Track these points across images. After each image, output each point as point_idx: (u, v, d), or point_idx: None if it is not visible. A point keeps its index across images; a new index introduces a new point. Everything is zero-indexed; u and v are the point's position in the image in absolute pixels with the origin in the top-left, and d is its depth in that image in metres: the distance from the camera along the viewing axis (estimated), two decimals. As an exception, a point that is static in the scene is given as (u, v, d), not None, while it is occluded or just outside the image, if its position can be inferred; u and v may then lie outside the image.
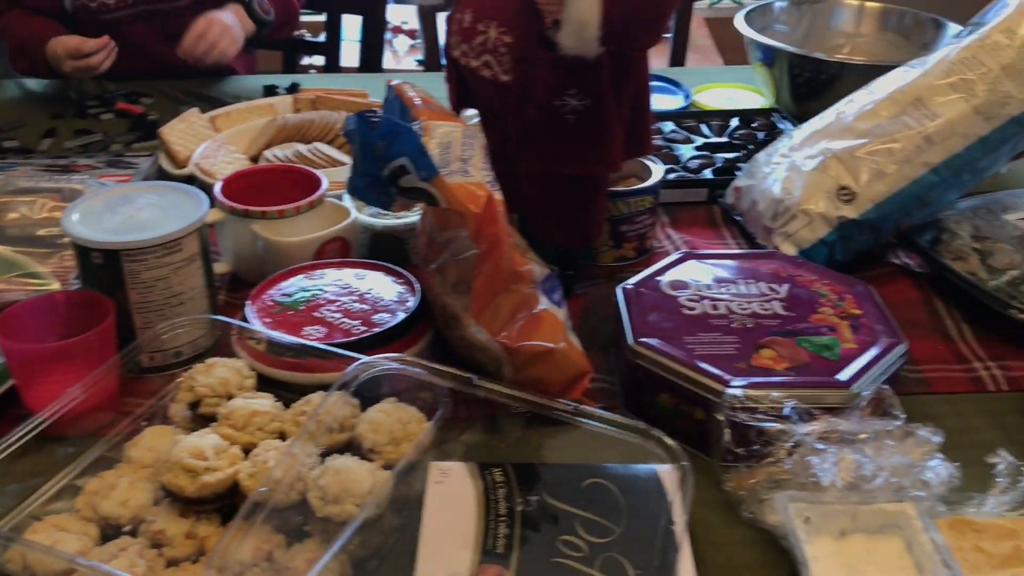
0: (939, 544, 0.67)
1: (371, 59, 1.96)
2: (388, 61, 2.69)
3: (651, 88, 0.93)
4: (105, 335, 0.81)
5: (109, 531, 0.70)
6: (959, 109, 0.98)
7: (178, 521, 0.69)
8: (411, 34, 2.83)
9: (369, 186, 0.74)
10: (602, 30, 0.78)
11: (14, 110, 1.50)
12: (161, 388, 0.84)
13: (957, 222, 1.04)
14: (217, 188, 1.02)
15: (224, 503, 0.71)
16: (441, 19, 2.03)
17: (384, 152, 0.70)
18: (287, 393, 0.80)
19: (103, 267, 0.85)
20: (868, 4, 1.52)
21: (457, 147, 0.76)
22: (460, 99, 0.95)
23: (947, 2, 1.61)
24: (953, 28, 1.40)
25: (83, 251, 0.85)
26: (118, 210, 0.89)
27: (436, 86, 0.98)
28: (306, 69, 2.00)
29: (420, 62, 2.57)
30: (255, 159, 1.28)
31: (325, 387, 0.78)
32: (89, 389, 0.77)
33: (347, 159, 1.26)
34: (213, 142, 1.26)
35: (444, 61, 0.94)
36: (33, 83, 1.63)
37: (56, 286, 0.98)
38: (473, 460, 0.74)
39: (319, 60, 2.04)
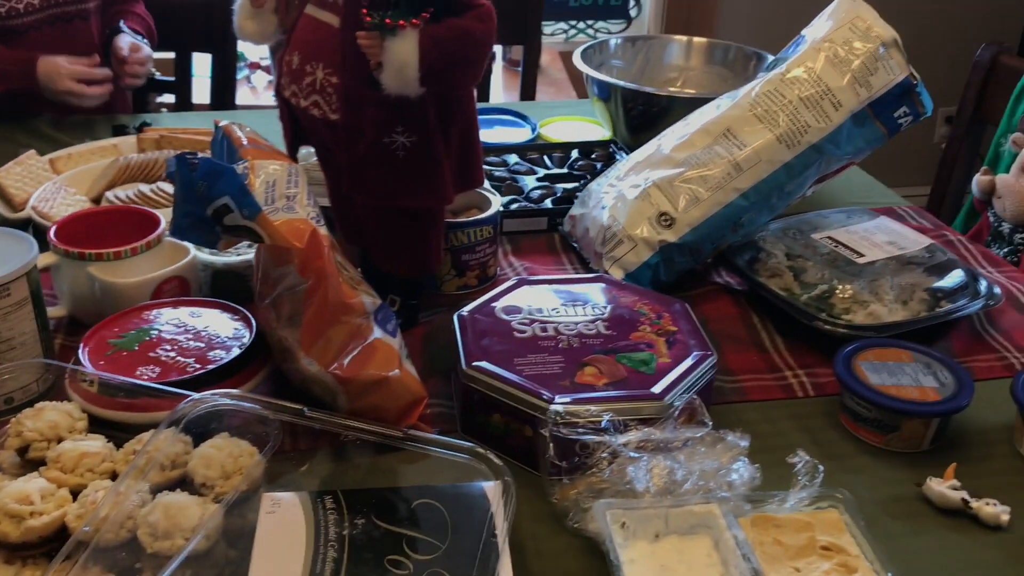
0: (740, 540, 0.73)
1: (224, 96, 1.95)
2: (245, 96, 2.68)
3: (480, 123, 0.98)
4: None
5: (-71, 583, 0.69)
6: (764, 138, 1.07)
7: (4, 568, 0.69)
8: (268, 70, 2.84)
9: (192, 226, 0.75)
10: (421, 71, 0.82)
11: None
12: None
13: (771, 243, 1.12)
14: (52, 232, 1.01)
15: (53, 547, 0.71)
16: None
17: (206, 192, 0.72)
18: (122, 434, 0.80)
19: (-77, 315, 0.83)
20: (696, 39, 1.61)
21: (282, 185, 0.79)
22: (294, 137, 0.97)
23: (785, 38, 1.74)
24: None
25: (-98, 299, 0.83)
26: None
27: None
28: (158, 108, 1.98)
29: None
30: (97, 200, 1.27)
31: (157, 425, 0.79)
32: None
33: (192, 198, 1.26)
34: (52, 184, 1.25)
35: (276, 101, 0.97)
36: None
37: None
38: (307, 490, 0.76)
39: (169, 98, 2.02)
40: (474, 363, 0.86)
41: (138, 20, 1.69)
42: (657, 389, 0.83)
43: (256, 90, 2.76)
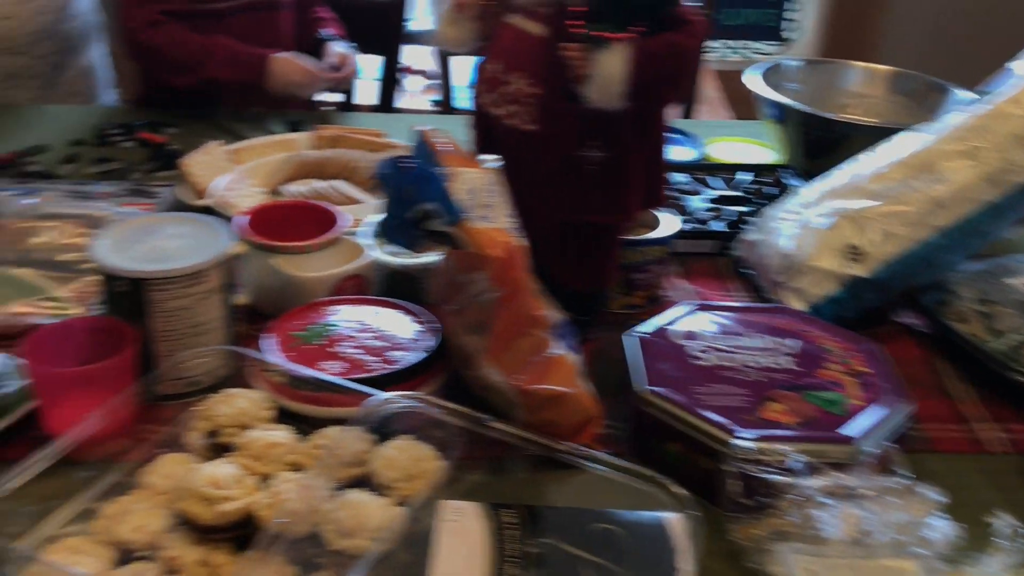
0: (940, 602, 0.68)
1: (386, 98, 1.99)
2: (402, 100, 2.73)
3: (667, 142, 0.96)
4: (127, 362, 0.83)
5: (124, 556, 0.71)
6: (968, 175, 1.01)
7: (192, 548, 0.71)
8: (423, 74, 2.88)
9: (398, 228, 0.76)
10: (627, 87, 0.81)
11: (37, 135, 1.52)
12: (176, 416, 0.86)
13: (962, 285, 1.06)
14: (241, 221, 1.04)
15: (238, 532, 0.72)
16: (455, 63, 2.07)
17: (413, 196, 0.73)
18: (302, 426, 0.81)
19: (127, 295, 0.86)
20: (877, 67, 1.55)
21: (481, 194, 0.79)
22: (483, 146, 0.97)
23: (951, 68, 1.65)
24: (960, 94, 1.43)
25: (109, 278, 0.87)
26: (144, 239, 0.90)
27: (453, 128, 1.00)
28: (320, 106, 2.03)
29: (435, 102, 2.61)
30: (273, 193, 1.31)
31: (341, 421, 0.80)
32: (110, 415, 0.79)
33: (364, 197, 1.29)
34: (233, 175, 1.29)
35: (468, 107, 0.97)
36: (60, 109, 1.67)
37: (76, 310, 1.00)
38: (482, 500, 0.75)
39: (337, 97, 2.07)
40: (652, 388, 0.84)
41: (336, 27, 1.74)
42: (849, 433, 0.79)
43: (411, 94, 2.81)
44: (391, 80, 1.99)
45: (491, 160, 0.98)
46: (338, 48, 1.70)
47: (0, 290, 1.01)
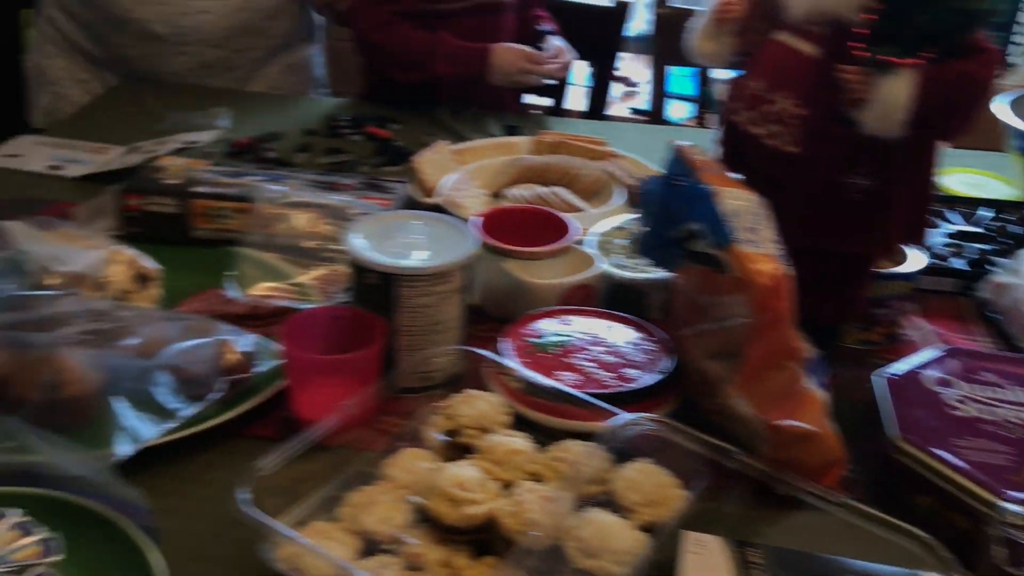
0: None
1: (596, 106, 1.99)
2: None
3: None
4: (376, 354, 0.85)
5: (368, 546, 0.73)
6: None
7: (435, 548, 0.71)
8: (624, 81, 2.86)
9: (657, 245, 0.74)
10: (910, 115, 0.76)
11: (272, 123, 1.60)
12: (413, 410, 0.87)
13: None
14: (476, 223, 1.05)
15: (477, 536, 0.72)
16: (668, 73, 2.04)
17: (680, 214, 0.71)
18: (535, 434, 0.81)
19: (377, 288, 0.88)
20: None
21: (746, 217, 0.76)
22: (731, 164, 0.94)
23: None
24: None
25: (360, 271, 0.89)
26: (394, 235, 0.93)
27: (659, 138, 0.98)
28: (528, 109, 2.05)
29: (636, 111, 2.59)
30: (496, 196, 1.32)
31: (577, 434, 0.79)
32: (358, 404, 0.81)
33: (584, 205, 1.28)
34: (459, 175, 1.31)
35: (674, 119, 0.94)
36: (292, 98, 1.75)
37: (317, 298, 1.03)
38: (721, 534, 0.73)
39: (545, 101, 2.08)
40: (906, 435, 0.79)
41: (553, 25, 1.75)
42: None
43: (611, 101, 2.80)
44: (603, 87, 1.98)
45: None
46: (555, 41, 1.71)
47: (249, 271, 1.06)
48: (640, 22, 2.20)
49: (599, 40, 1.94)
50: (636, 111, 2.58)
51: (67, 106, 1.76)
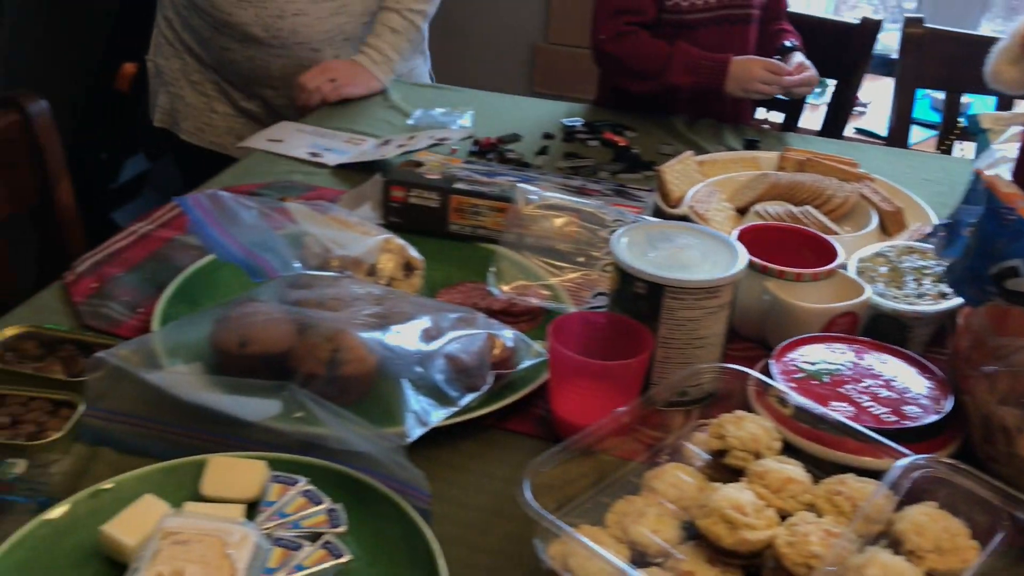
0: None
1: (834, 126, 1.92)
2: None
3: None
4: (642, 364, 0.85)
5: (636, 556, 0.72)
6: None
7: (707, 567, 0.70)
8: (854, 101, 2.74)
9: (967, 279, 0.70)
10: None
11: (514, 124, 1.63)
12: (672, 424, 0.87)
13: None
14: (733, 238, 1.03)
15: (750, 562, 0.71)
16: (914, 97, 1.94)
17: (1002, 251, 0.67)
18: (804, 464, 0.78)
19: (643, 297, 0.88)
20: None
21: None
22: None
23: None
24: None
25: (628, 278, 0.89)
26: (659, 245, 0.92)
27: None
28: (761, 124, 2.00)
29: (863, 131, 2.48)
30: (742, 211, 1.29)
31: (851, 469, 0.76)
32: (622, 413, 0.81)
33: (836, 228, 1.23)
34: (704, 187, 1.29)
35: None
36: (528, 101, 1.78)
37: (567, 301, 1.04)
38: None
39: (777, 117, 2.03)
40: None
41: (797, 40, 1.70)
42: None
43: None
44: (843, 106, 1.91)
45: None
46: (798, 58, 1.66)
47: (505, 269, 1.08)
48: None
49: (843, 58, 1.87)
50: (863, 132, 2.47)
51: (183, 107, 1.80)
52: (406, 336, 0.87)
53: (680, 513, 0.75)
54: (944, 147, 1.91)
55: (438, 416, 0.81)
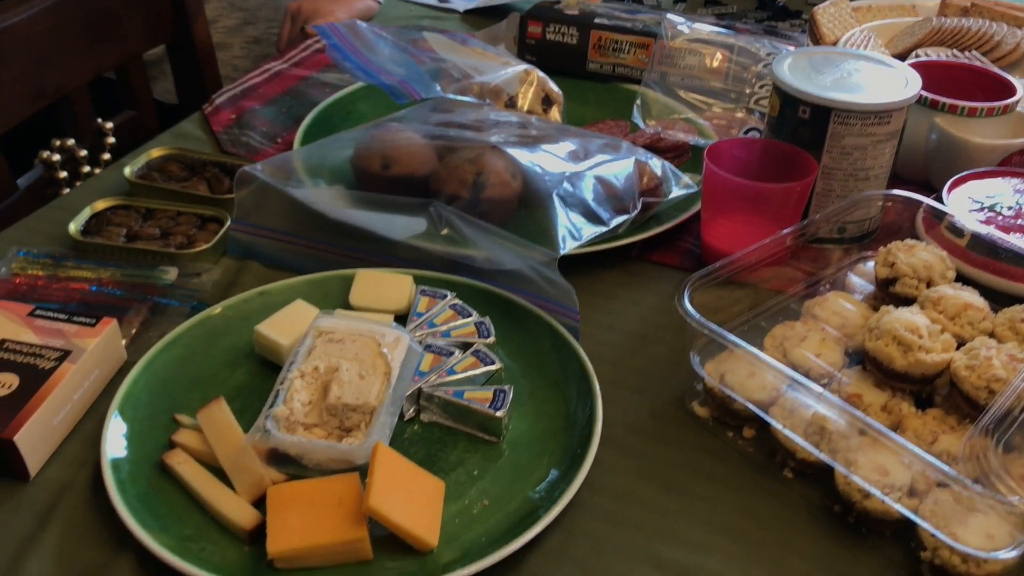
0: None
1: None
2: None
3: None
4: (804, 189, 0.80)
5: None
6: None
7: (874, 391, 0.67)
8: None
9: None
10: None
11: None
12: (832, 255, 0.82)
13: None
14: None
15: (921, 387, 0.67)
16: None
17: None
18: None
19: (806, 123, 0.82)
20: None
21: None
22: None
23: None
24: None
25: (790, 102, 0.83)
26: (824, 70, 0.86)
27: None
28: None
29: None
30: (900, 57, 1.20)
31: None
32: (781, 242, 0.76)
33: (1006, 76, 1.13)
34: (859, 31, 1.20)
35: None
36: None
37: (713, 137, 0.99)
38: None
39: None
40: None
41: None
42: None
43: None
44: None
45: None
46: None
47: (652, 104, 1.03)
48: None
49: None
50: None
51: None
52: (554, 156, 0.83)
53: (844, 340, 0.71)
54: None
55: (590, 233, 0.78)
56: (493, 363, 0.71)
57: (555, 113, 1.02)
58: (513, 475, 0.64)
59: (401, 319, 0.75)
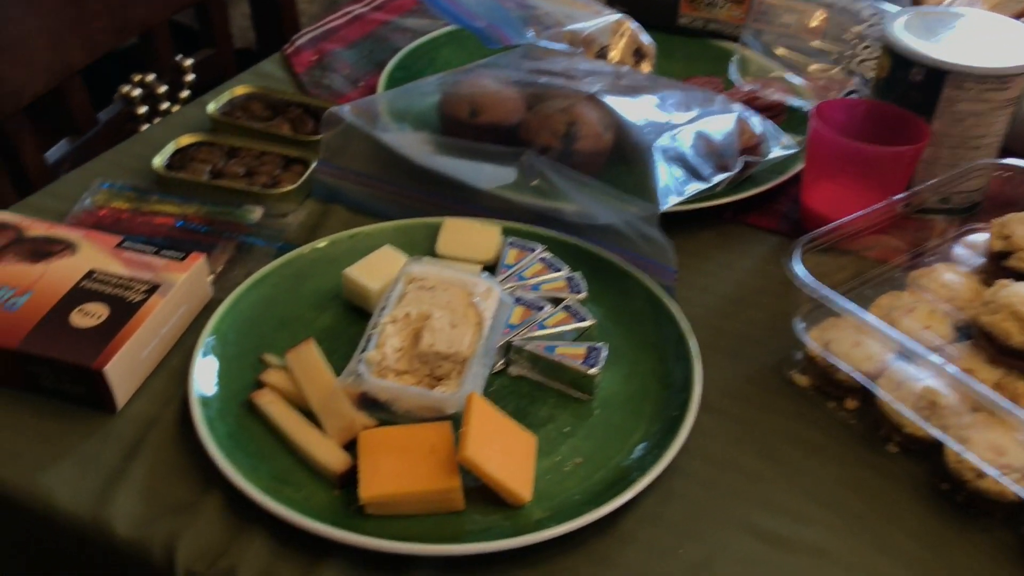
0: None
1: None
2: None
3: None
4: (914, 154, 0.76)
5: (904, 352, 0.66)
6: None
7: (986, 368, 0.64)
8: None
9: None
10: None
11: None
12: (937, 225, 0.79)
13: None
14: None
15: (1037, 366, 0.63)
16: None
17: None
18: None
19: (918, 86, 0.78)
20: None
21: None
22: None
23: None
24: None
25: (902, 63, 0.79)
26: (939, 31, 0.81)
27: None
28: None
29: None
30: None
31: None
32: (886, 210, 0.73)
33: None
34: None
35: None
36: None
37: (810, 97, 0.95)
38: None
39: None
40: None
41: None
42: None
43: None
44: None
45: None
46: None
47: (749, 62, 1.00)
48: None
49: None
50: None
51: None
52: (653, 108, 0.80)
53: (953, 313, 0.68)
54: None
55: (692, 189, 0.76)
56: (585, 319, 0.68)
57: (646, 67, 0.98)
58: (606, 434, 0.62)
59: (487, 271, 0.73)
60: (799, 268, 0.64)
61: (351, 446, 0.59)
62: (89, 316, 0.64)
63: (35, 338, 0.62)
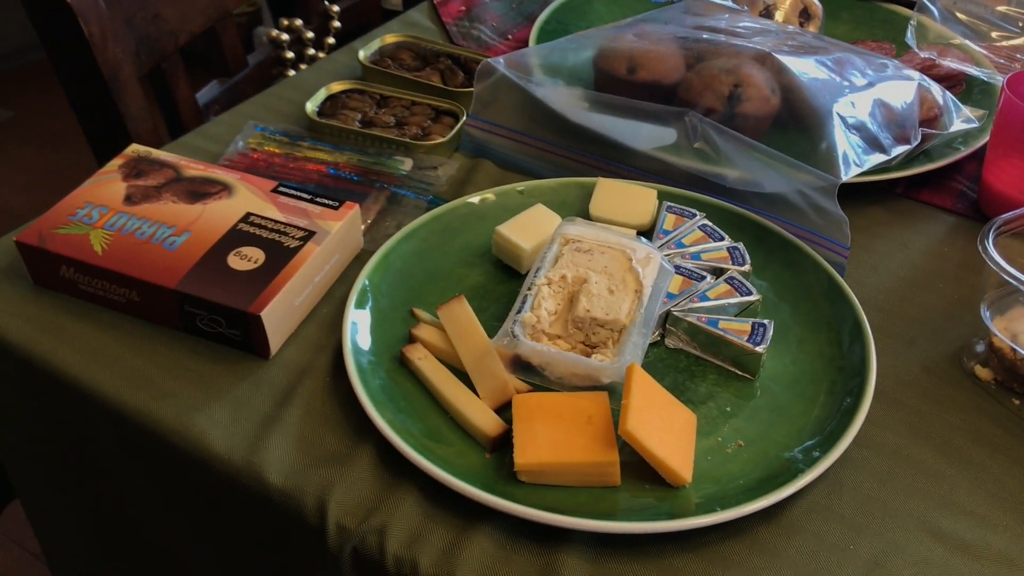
0: None
1: None
2: None
3: None
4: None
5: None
6: None
7: None
8: None
9: None
10: None
11: None
12: None
13: None
14: None
15: None
16: None
17: None
18: None
19: None
20: None
21: None
22: None
23: None
24: None
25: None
26: None
27: None
28: None
29: None
30: None
31: None
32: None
33: None
34: None
35: None
36: None
37: (990, 68, 0.88)
38: None
39: None
40: None
41: None
42: None
43: None
44: None
45: None
46: None
47: (928, 28, 0.93)
48: None
49: None
50: None
51: None
52: (828, 70, 0.75)
53: None
54: None
55: (873, 160, 0.71)
56: (750, 293, 0.65)
57: (812, 28, 0.93)
58: (770, 417, 0.59)
59: (642, 235, 0.70)
60: (994, 251, 0.59)
61: (501, 409, 0.57)
62: (246, 260, 0.64)
63: (193, 279, 0.62)
